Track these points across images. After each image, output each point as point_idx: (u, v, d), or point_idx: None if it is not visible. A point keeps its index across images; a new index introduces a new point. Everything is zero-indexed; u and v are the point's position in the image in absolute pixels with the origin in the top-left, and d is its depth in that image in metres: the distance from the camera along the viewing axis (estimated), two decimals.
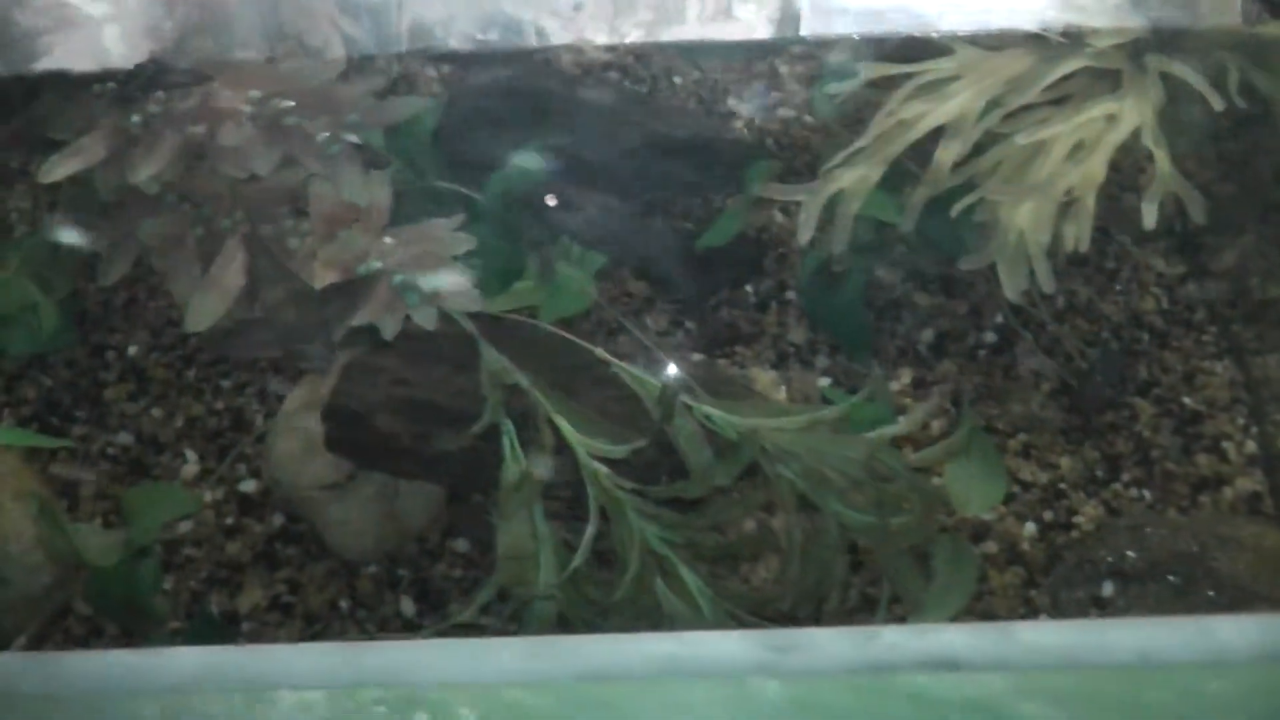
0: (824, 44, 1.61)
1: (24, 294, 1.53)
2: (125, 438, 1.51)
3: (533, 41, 1.44)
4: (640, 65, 1.67)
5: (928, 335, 1.50)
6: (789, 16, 1.45)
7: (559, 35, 1.44)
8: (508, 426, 1.29)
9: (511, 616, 1.26)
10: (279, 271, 1.25)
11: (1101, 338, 1.52)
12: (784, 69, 1.68)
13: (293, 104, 1.29)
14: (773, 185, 1.44)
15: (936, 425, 1.42)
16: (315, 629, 1.38)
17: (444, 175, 1.46)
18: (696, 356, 1.49)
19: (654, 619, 1.22)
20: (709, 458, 1.24)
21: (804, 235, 1.41)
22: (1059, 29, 1.52)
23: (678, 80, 1.67)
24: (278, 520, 1.45)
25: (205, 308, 1.38)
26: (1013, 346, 1.50)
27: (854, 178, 1.42)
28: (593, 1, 1.44)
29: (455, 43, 1.42)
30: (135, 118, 1.41)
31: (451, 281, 1.24)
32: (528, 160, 1.40)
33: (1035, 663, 0.76)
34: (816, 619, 1.23)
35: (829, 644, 0.78)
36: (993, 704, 0.74)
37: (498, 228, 1.37)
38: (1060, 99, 1.49)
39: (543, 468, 1.26)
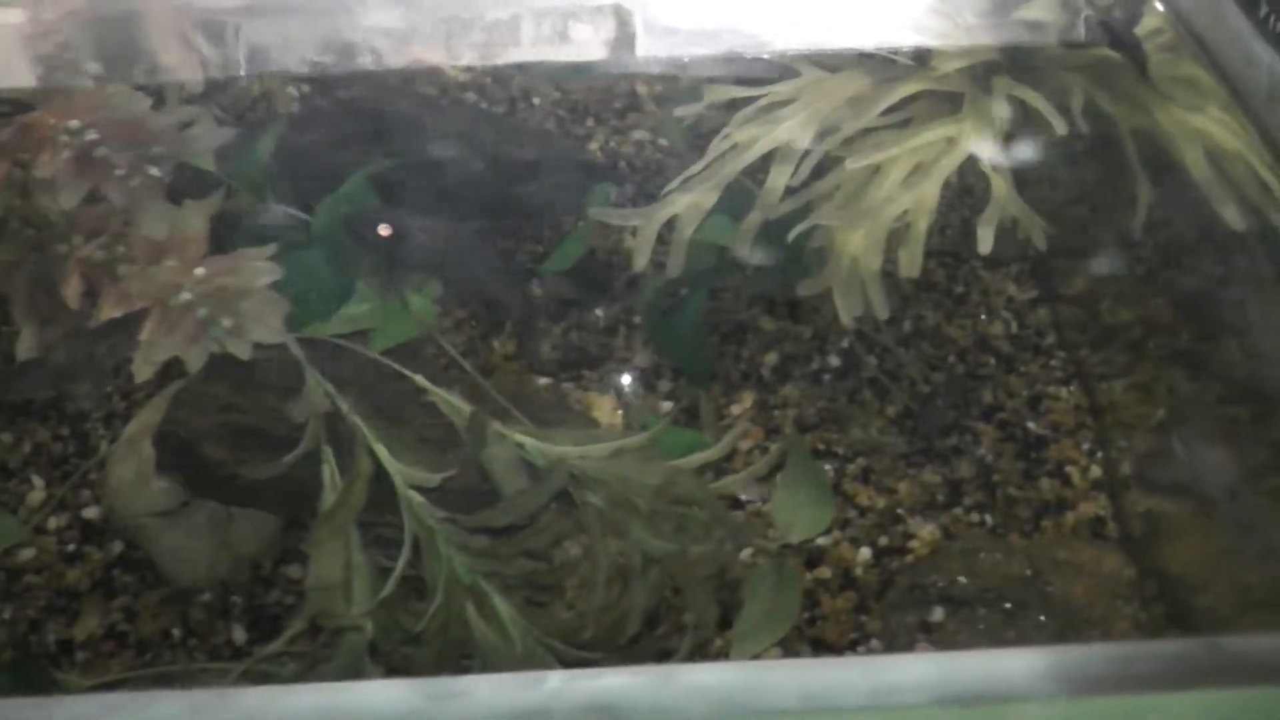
0: (682, 65, 1.61)
1: None
2: None
3: (368, 64, 1.44)
4: (498, 86, 1.66)
5: (771, 359, 1.50)
6: (624, 38, 1.45)
7: (393, 58, 1.44)
8: (327, 454, 1.29)
9: (324, 646, 1.25)
10: (56, 309, 1.25)
11: (947, 362, 1.51)
12: (642, 90, 1.67)
13: (99, 136, 1.28)
14: (608, 209, 1.44)
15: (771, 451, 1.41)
16: (147, 658, 1.37)
17: (284, 199, 1.45)
18: (542, 380, 1.48)
19: (466, 649, 1.21)
20: (521, 485, 1.23)
21: (640, 260, 1.41)
22: (907, 51, 1.51)
23: (536, 101, 1.66)
24: (117, 547, 1.44)
25: (30, 337, 1.38)
26: (856, 371, 1.49)
27: (688, 202, 1.41)
28: (428, 23, 1.43)
29: (292, 66, 1.42)
30: None
31: (256, 312, 1.23)
32: (361, 184, 1.40)
33: (694, 706, 0.76)
34: (622, 649, 1.23)
35: (488, 691, 0.78)
36: None
37: (329, 252, 1.37)
38: (903, 122, 1.49)
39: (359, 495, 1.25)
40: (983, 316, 1.54)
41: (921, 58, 1.50)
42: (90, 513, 1.47)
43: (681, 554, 1.18)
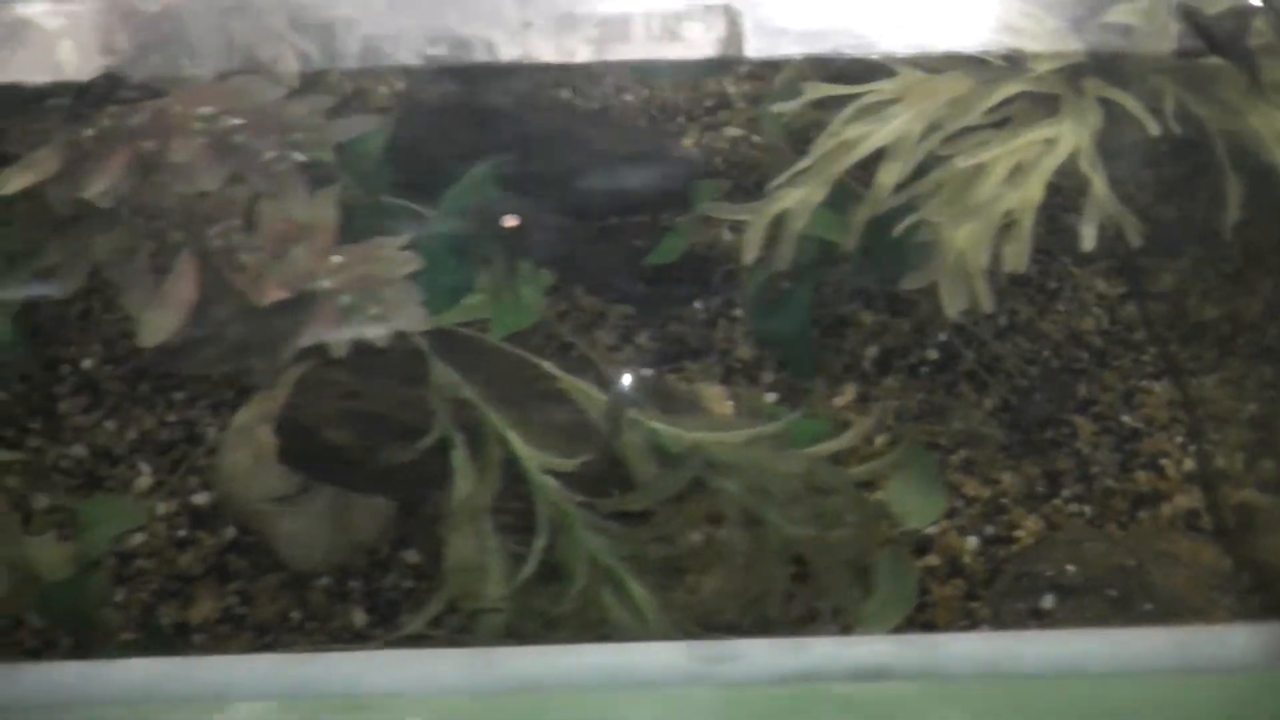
0: (771, 64, 1.63)
1: None
2: (79, 450, 1.52)
3: (482, 57, 1.46)
4: (590, 83, 1.69)
5: (872, 352, 1.53)
6: (734, 37, 1.48)
7: (507, 51, 1.46)
8: (457, 440, 1.31)
9: (461, 628, 1.28)
10: (226, 288, 1.27)
11: (1042, 356, 1.55)
12: (732, 88, 1.70)
13: (241, 121, 1.30)
14: (719, 204, 1.47)
15: (879, 441, 1.44)
16: (266, 640, 1.39)
17: (394, 192, 1.47)
18: (645, 371, 1.51)
19: (601, 631, 1.23)
20: (655, 471, 1.26)
21: (749, 254, 1.44)
22: (999, 53, 1.54)
23: (628, 98, 1.69)
24: (229, 532, 1.46)
25: (158, 322, 1.39)
26: (955, 364, 1.52)
27: (797, 197, 1.44)
28: (541, 18, 1.46)
29: (405, 58, 1.44)
30: (88, 131, 1.42)
31: (398, 301, 1.26)
32: (484, 175, 1.42)
33: (961, 672, 0.79)
34: (759, 631, 1.25)
35: (760, 654, 0.81)
36: (919, 711, 0.77)
37: (448, 244, 1.39)
38: (1000, 122, 1.52)
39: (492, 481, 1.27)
40: (1075, 311, 1.58)
41: (1014, 60, 1.53)
42: (200, 499, 1.48)
43: (820, 540, 1.21)
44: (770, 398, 1.49)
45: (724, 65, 1.68)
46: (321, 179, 1.43)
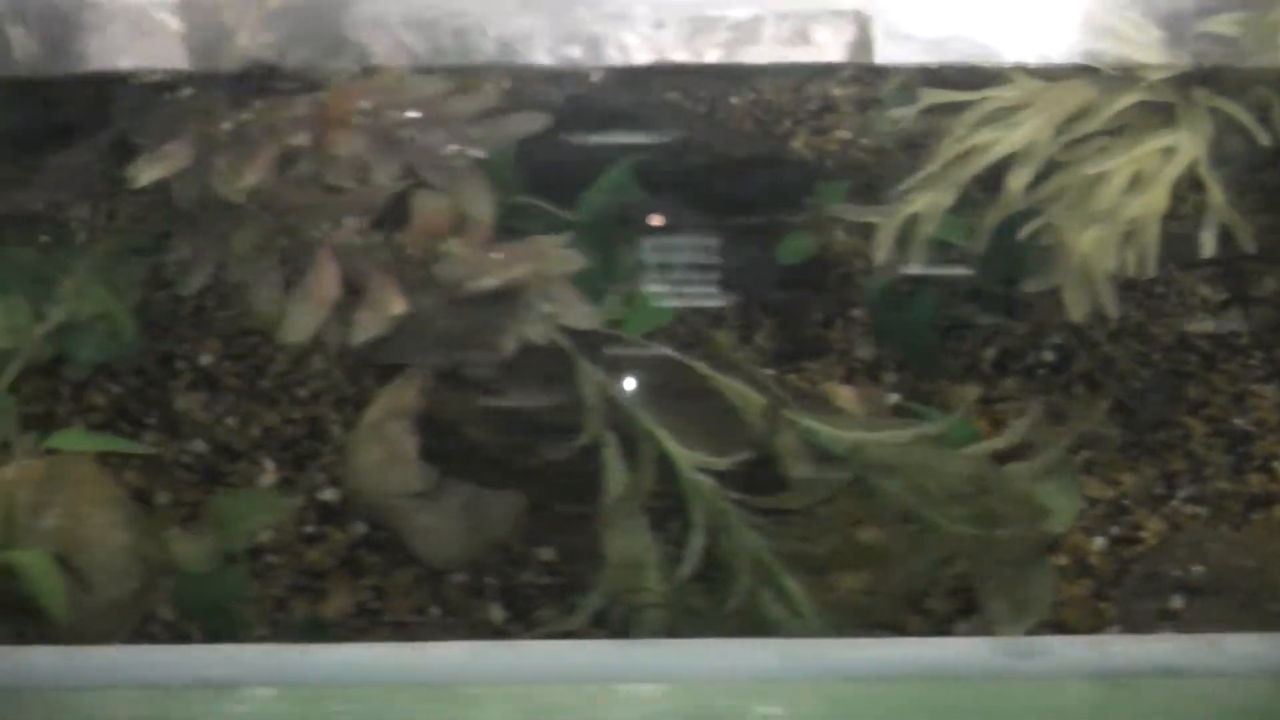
0: (874, 69, 1.65)
1: (95, 302, 1.53)
2: (199, 446, 1.52)
3: (615, 58, 1.47)
4: (698, 85, 1.70)
5: (990, 353, 1.55)
6: (863, 42, 1.50)
7: (640, 52, 1.47)
8: (608, 439, 1.32)
9: (620, 624, 1.29)
10: (427, 280, 1.27)
11: (1153, 359, 1.57)
12: (837, 91, 1.72)
13: (416, 115, 1.31)
14: (846, 206, 1.49)
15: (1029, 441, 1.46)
16: (403, 635, 1.40)
17: (526, 191, 1.48)
18: (766, 371, 1.53)
19: (762, 628, 1.25)
20: (810, 470, 1.28)
21: (880, 255, 1.46)
22: (1111, 61, 1.57)
23: (734, 101, 1.71)
24: (360, 528, 1.47)
25: (301, 319, 1.40)
26: (1069, 366, 1.55)
27: (927, 201, 1.46)
28: (673, 20, 1.47)
29: (538, 58, 1.45)
30: (225, 124, 1.42)
31: (567, 299, 1.27)
32: (625, 175, 1.43)
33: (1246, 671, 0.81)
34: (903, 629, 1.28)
35: (1063, 649, 0.83)
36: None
37: (595, 241, 1.40)
38: (1117, 129, 1.55)
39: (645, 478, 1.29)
40: (1181, 315, 1.60)
41: (1125, 68, 1.56)
42: (328, 495, 1.49)
43: (983, 539, 1.23)
44: (893, 398, 1.50)
45: (829, 69, 1.69)
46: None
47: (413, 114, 1.31)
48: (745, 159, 1.59)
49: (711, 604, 1.26)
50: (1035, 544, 1.28)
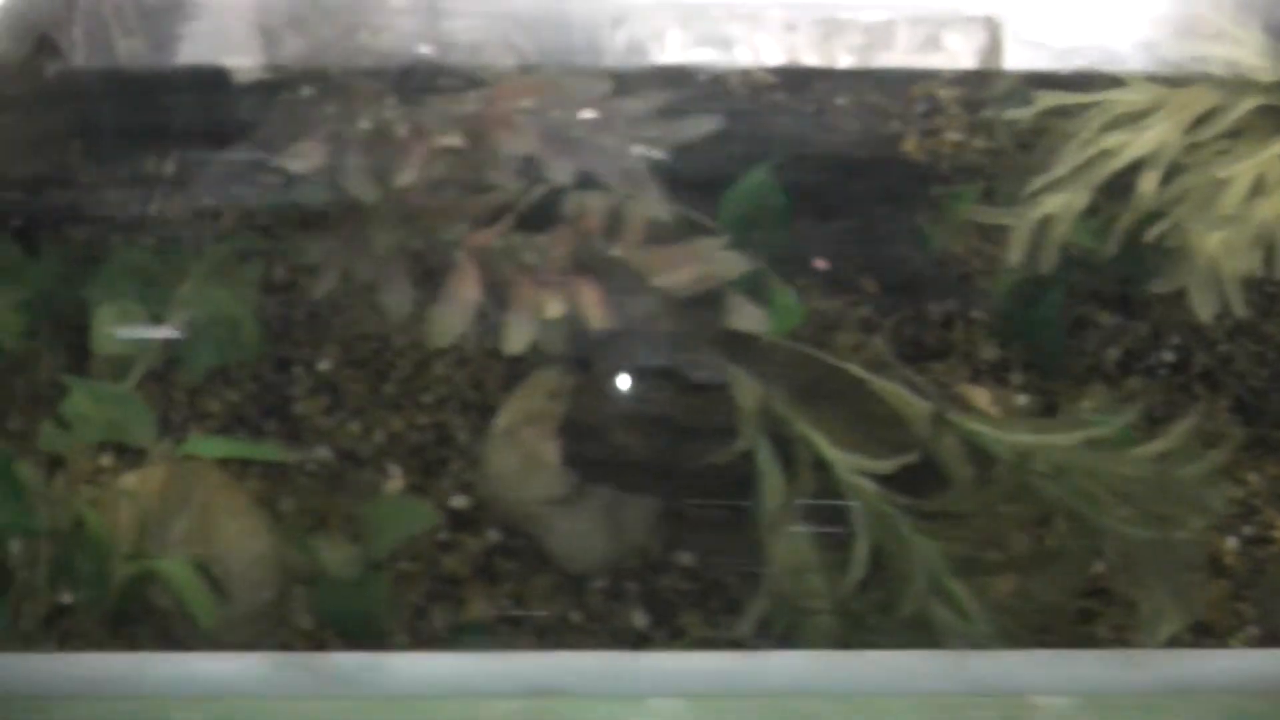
0: (978, 71, 1.66)
1: (213, 305, 1.52)
2: (322, 453, 1.51)
3: (747, 59, 1.47)
4: (803, 86, 1.70)
5: (1113, 354, 1.56)
6: (994, 49, 1.50)
7: (772, 54, 1.47)
8: (762, 443, 1.32)
9: (786, 630, 1.29)
10: (632, 280, 1.26)
11: (1268, 358, 1.59)
12: (942, 93, 1.72)
13: (593, 115, 1.30)
14: (980, 208, 1.49)
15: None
16: (548, 641, 1.39)
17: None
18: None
19: (932, 635, 1.25)
20: (971, 473, 1.28)
21: (1015, 256, 1.47)
22: (1223, 67, 1.59)
23: (839, 102, 1.71)
24: (493, 535, 1.46)
25: (446, 323, 1.39)
26: (1187, 365, 1.56)
27: (1060, 203, 1.47)
28: (805, 23, 1.47)
29: (669, 59, 1.45)
30: (364, 123, 1.41)
31: (738, 304, 1.27)
32: (764, 179, 1.43)
33: None
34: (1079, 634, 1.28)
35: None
36: None
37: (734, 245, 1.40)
38: (1234, 133, 1.56)
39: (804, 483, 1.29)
40: None
41: (1237, 74, 1.58)
42: (458, 501, 1.48)
43: (1158, 543, 1.24)
44: (1022, 399, 1.51)
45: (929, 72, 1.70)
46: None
47: (589, 114, 1.30)
48: (858, 159, 1.59)
49: (879, 610, 1.25)
50: (1203, 546, 1.29)
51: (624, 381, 1.39)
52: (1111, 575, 1.27)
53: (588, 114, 1.35)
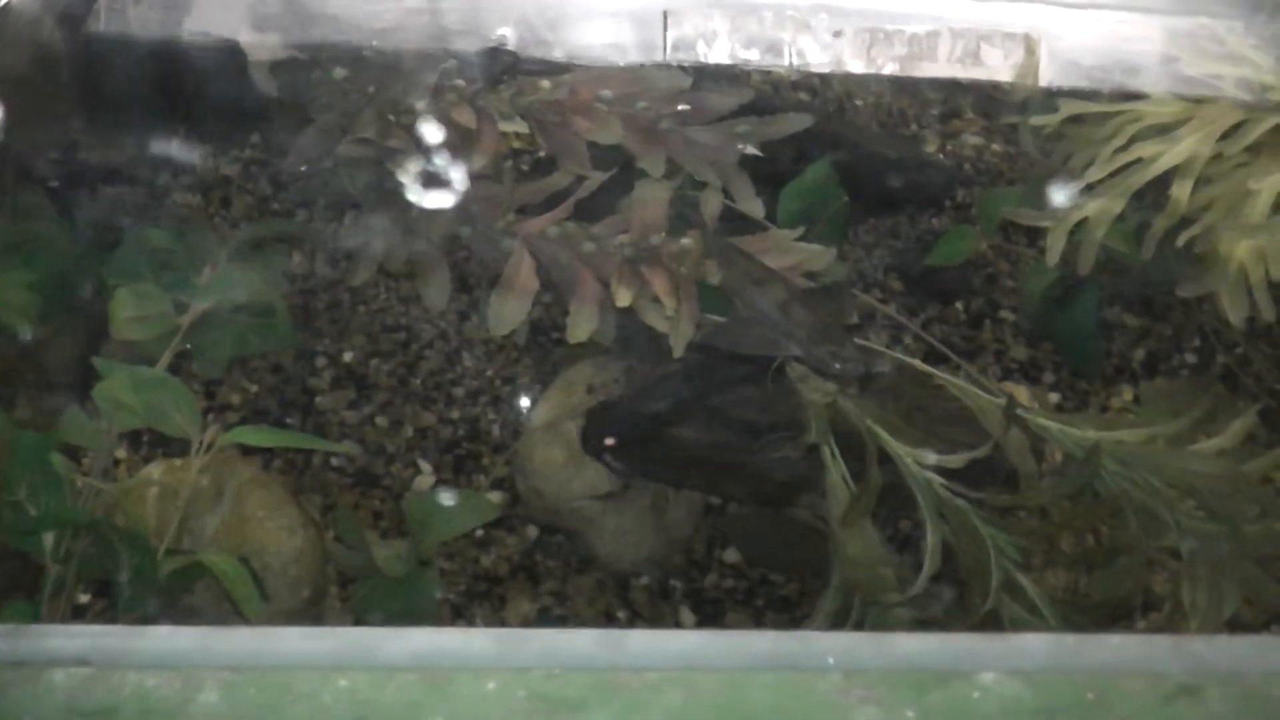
0: (995, 86, 1.68)
1: (241, 291, 1.46)
2: (349, 447, 1.47)
3: (793, 62, 1.46)
4: (824, 87, 1.70)
5: (1139, 354, 1.58)
6: (1030, 65, 1.52)
7: (817, 59, 1.47)
8: (829, 438, 1.31)
9: (858, 625, 1.28)
10: (759, 271, 1.24)
11: None
12: (960, 98, 1.74)
13: (686, 108, 1.28)
14: (1020, 210, 1.50)
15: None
16: None
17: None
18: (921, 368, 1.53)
19: (998, 625, 1.25)
20: (1037, 468, 1.28)
21: (1052, 258, 1.48)
22: (1238, 81, 1.62)
23: (859, 103, 1.71)
24: (532, 532, 1.43)
25: (505, 311, 1.36)
26: (1209, 366, 1.59)
27: (1097, 208, 1.49)
28: (851, 30, 1.47)
29: (716, 59, 1.44)
30: (419, 103, 1.38)
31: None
32: (824, 173, 1.42)
33: None
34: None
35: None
36: None
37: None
38: (1254, 147, 1.60)
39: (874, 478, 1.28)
40: None
41: (1253, 93, 1.61)
42: (492, 497, 1.44)
43: (1235, 535, 1.25)
44: (1054, 397, 1.52)
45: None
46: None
47: (683, 107, 1.28)
48: (891, 160, 1.59)
49: (953, 602, 1.25)
50: (1273, 538, 1.30)
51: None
52: (1184, 567, 1.27)
53: (683, 106, 1.33)
